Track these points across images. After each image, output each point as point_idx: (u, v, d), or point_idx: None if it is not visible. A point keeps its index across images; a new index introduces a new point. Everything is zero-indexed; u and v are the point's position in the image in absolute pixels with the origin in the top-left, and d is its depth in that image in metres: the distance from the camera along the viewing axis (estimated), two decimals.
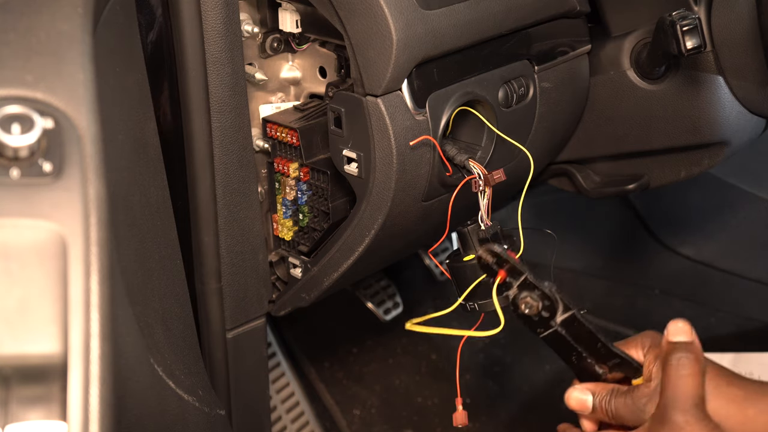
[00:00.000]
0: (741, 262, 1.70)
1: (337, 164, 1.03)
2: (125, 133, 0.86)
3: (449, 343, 1.73)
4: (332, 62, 1.09)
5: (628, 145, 1.25)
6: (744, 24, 1.09)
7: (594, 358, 0.96)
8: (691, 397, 0.87)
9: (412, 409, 1.66)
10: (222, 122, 1.02)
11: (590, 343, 0.94)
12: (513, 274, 0.92)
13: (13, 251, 0.57)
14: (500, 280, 0.92)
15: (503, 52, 1.08)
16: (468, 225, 1.01)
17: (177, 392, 0.91)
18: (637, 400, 0.92)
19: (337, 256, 1.09)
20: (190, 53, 0.98)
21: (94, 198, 0.59)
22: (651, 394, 0.91)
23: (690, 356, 0.89)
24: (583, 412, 0.97)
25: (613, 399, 0.94)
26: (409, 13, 0.95)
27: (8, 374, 0.55)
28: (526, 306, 0.92)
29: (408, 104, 0.98)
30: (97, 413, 0.55)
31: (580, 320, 0.93)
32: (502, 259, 0.91)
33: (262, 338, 1.19)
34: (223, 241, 1.07)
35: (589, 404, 0.96)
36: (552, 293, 0.92)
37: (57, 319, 0.56)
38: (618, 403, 0.93)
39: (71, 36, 0.64)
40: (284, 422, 1.60)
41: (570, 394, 0.97)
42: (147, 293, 0.90)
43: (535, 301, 0.92)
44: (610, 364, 0.96)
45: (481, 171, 0.99)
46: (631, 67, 1.19)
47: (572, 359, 0.97)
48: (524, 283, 0.92)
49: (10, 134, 0.57)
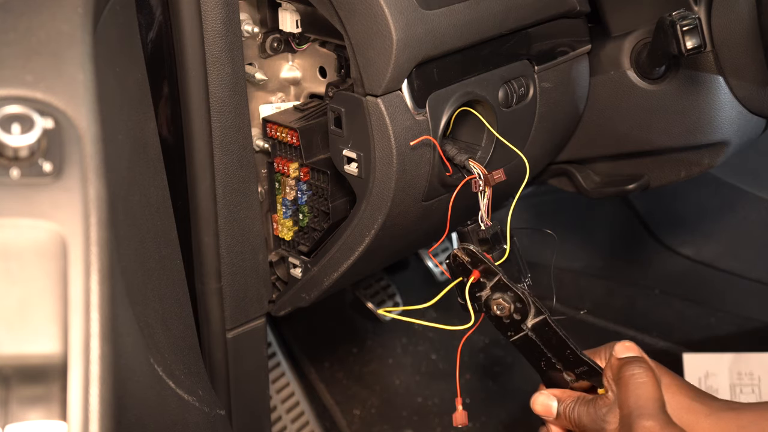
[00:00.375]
0: (741, 262, 1.70)
1: (337, 164, 1.03)
2: (125, 133, 0.86)
3: (449, 343, 1.73)
4: (332, 62, 1.09)
5: (628, 145, 1.25)
6: (744, 24, 1.09)
7: (562, 364, 0.95)
8: (653, 401, 0.88)
9: (412, 409, 1.66)
10: (222, 122, 1.02)
11: (560, 349, 0.94)
12: (487, 275, 0.92)
13: (13, 251, 0.57)
14: (473, 280, 0.92)
15: (503, 52, 1.08)
16: (468, 225, 1.01)
17: (177, 392, 0.91)
18: (598, 409, 0.92)
19: (337, 256, 1.09)
20: (190, 53, 0.98)
21: (94, 198, 0.59)
22: (611, 405, 0.91)
23: (643, 365, 0.91)
24: (548, 417, 0.97)
25: (577, 407, 0.94)
26: (409, 13, 0.95)
27: (8, 374, 0.55)
28: (498, 307, 0.92)
29: (408, 104, 0.98)
30: (97, 413, 0.55)
31: (552, 325, 0.93)
32: (477, 259, 0.91)
33: (262, 338, 1.19)
34: (223, 241, 1.07)
35: (553, 410, 0.96)
36: (525, 296, 0.92)
37: (57, 319, 0.56)
38: (581, 411, 0.93)
39: (71, 36, 0.64)
40: (284, 422, 1.60)
41: (536, 398, 0.97)
42: (147, 293, 0.90)
43: (507, 303, 0.92)
44: (577, 371, 0.95)
45: (481, 171, 0.98)
46: (631, 67, 1.19)
47: (541, 365, 0.97)
48: (498, 284, 0.92)
49: (10, 134, 0.57)
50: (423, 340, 1.76)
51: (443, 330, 1.70)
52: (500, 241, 1.00)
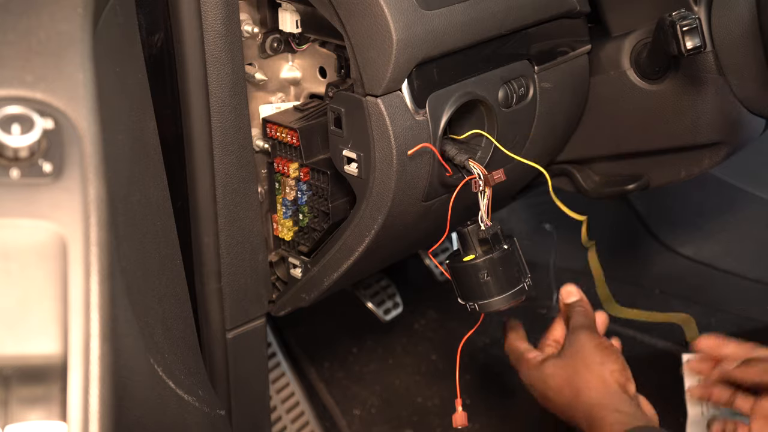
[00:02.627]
0: (741, 262, 1.70)
1: (337, 164, 1.03)
2: (125, 133, 0.86)
3: (449, 343, 1.73)
4: (332, 62, 1.09)
5: (628, 145, 1.25)
6: (744, 24, 1.09)
7: None
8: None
9: (412, 409, 1.66)
10: (222, 122, 1.02)
11: None
12: None
13: (13, 251, 0.57)
14: None
15: (503, 52, 1.08)
16: (468, 225, 1.01)
17: (177, 392, 0.91)
18: None
19: (337, 256, 1.09)
20: (190, 53, 0.98)
21: (94, 198, 0.59)
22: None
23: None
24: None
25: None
26: (409, 13, 0.95)
27: (8, 374, 0.55)
28: None
29: (408, 104, 0.98)
30: (97, 413, 0.55)
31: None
32: None
33: (262, 338, 1.19)
34: (223, 241, 1.07)
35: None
36: None
37: (57, 319, 0.56)
38: None
39: (71, 36, 0.64)
40: (284, 422, 1.60)
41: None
42: (147, 293, 0.90)
43: None
44: None
45: (481, 171, 0.98)
46: (631, 67, 1.19)
47: None
48: None
49: (10, 134, 0.57)
50: (423, 340, 1.76)
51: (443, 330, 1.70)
52: (500, 241, 1.00)
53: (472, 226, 1.01)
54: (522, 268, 1.02)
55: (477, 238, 1.00)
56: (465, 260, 1.01)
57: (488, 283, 0.99)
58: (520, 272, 1.02)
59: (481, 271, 0.99)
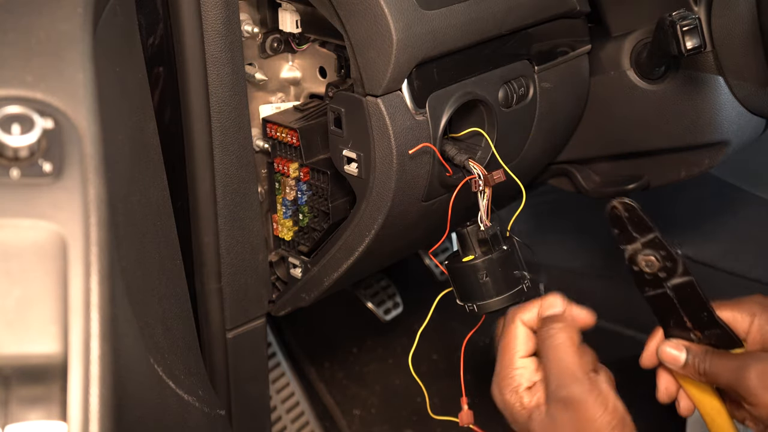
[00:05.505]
0: (741, 262, 1.70)
1: (337, 164, 1.03)
2: (125, 133, 0.86)
3: (450, 343, 1.73)
4: (332, 62, 1.09)
5: (629, 145, 1.25)
6: (744, 24, 1.09)
7: (693, 324, 0.96)
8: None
9: (412, 409, 1.66)
10: (222, 122, 1.02)
11: (697, 310, 0.95)
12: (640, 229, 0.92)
13: (13, 251, 0.57)
14: None
15: (503, 52, 1.08)
16: (467, 225, 1.01)
17: (177, 392, 0.91)
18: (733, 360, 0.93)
19: (337, 256, 1.09)
20: (190, 53, 0.98)
21: (94, 198, 0.59)
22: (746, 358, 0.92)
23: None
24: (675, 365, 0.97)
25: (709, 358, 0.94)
26: (409, 13, 0.95)
27: (8, 374, 0.55)
28: (647, 264, 0.93)
29: (408, 104, 0.98)
30: (97, 413, 0.55)
31: (696, 287, 0.94)
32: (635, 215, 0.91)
33: (262, 338, 1.19)
34: (223, 241, 1.07)
35: (682, 359, 0.96)
36: (678, 256, 0.92)
37: (57, 319, 0.56)
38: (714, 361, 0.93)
39: (71, 36, 0.64)
40: (284, 422, 1.60)
41: (664, 347, 0.97)
42: (147, 293, 0.90)
43: (658, 261, 0.92)
44: (707, 333, 0.96)
45: (480, 171, 0.98)
46: (631, 67, 1.19)
47: (669, 322, 0.97)
48: (652, 242, 0.92)
49: (10, 134, 0.57)
50: (423, 340, 1.75)
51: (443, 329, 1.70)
52: (499, 242, 1.00)
53: (472, 226, 1.00)
54: (521, 269, 1.02)
55: (476, 238, 1.00)
56: (464, 261, 1.01)
57: (487, 283, 0.99)
58: (520, 273, 1.02)
59: (480, 271, 0.99)
